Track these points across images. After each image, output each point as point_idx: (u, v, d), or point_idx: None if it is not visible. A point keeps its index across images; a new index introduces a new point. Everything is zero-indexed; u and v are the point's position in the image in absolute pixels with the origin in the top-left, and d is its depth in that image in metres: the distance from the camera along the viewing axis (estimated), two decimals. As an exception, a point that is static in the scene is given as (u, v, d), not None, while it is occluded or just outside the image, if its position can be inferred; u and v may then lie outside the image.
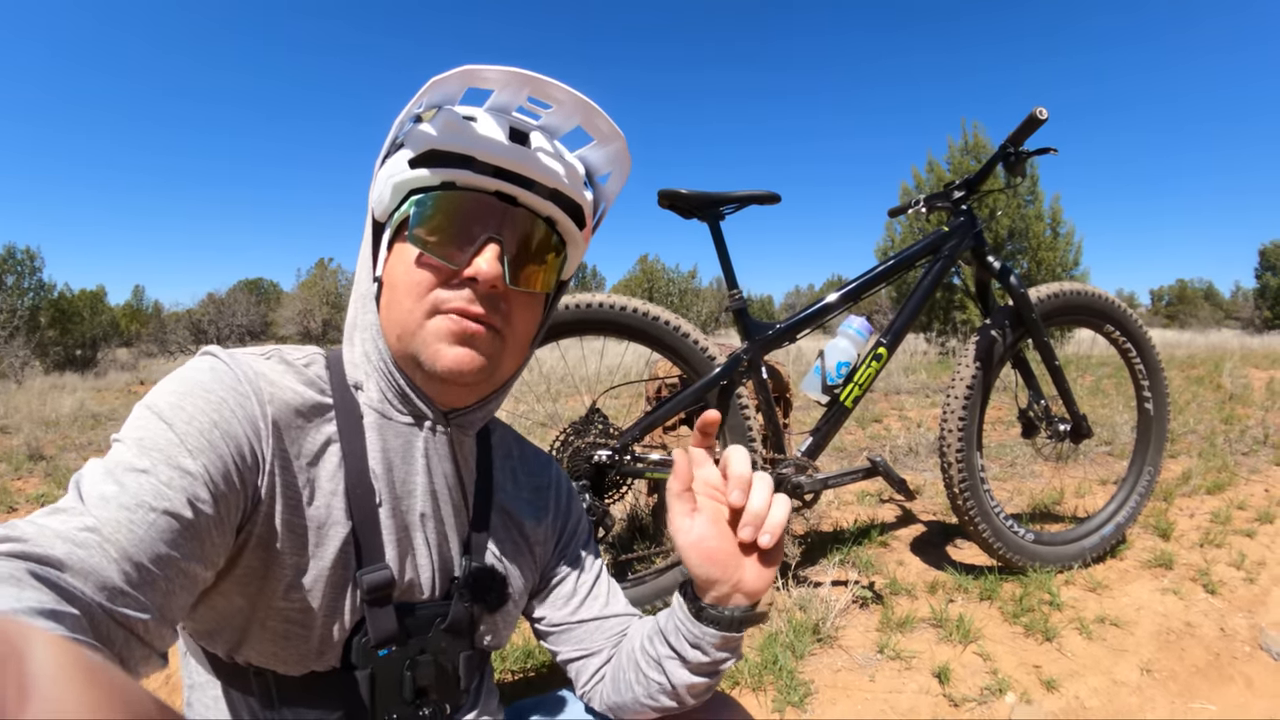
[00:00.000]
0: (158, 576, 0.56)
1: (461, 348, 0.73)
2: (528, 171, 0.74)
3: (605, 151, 0.82)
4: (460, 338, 0.73)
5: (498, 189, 0.74)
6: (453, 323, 0.73)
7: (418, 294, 0.73)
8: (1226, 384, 7.00)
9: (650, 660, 0.82)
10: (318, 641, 0.73)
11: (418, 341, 0.74)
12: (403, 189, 0.75)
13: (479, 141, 0.72)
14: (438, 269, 0.73)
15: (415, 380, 0.77)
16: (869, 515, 3.13)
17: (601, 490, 2.05)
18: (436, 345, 0.73)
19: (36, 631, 0.17)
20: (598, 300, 2.04)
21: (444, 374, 0.74)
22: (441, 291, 0.73)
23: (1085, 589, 2.38)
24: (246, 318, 21.43)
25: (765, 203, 2.13)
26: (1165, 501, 3.25)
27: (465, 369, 0.74)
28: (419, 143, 0.74)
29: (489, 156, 0.73)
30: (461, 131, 0.72)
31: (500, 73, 0.72)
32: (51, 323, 17.60)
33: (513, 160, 0.73)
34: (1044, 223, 14.04)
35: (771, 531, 0.71)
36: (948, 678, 1.82)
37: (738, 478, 0.72)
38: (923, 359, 10.85)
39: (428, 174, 0.73)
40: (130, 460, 0.60)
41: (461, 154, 0.73)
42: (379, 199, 0.77)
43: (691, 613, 0.77)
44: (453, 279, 0.73)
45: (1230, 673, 1.91)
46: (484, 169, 0.73)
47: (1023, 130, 2.15)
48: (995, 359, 2.33)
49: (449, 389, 0.78)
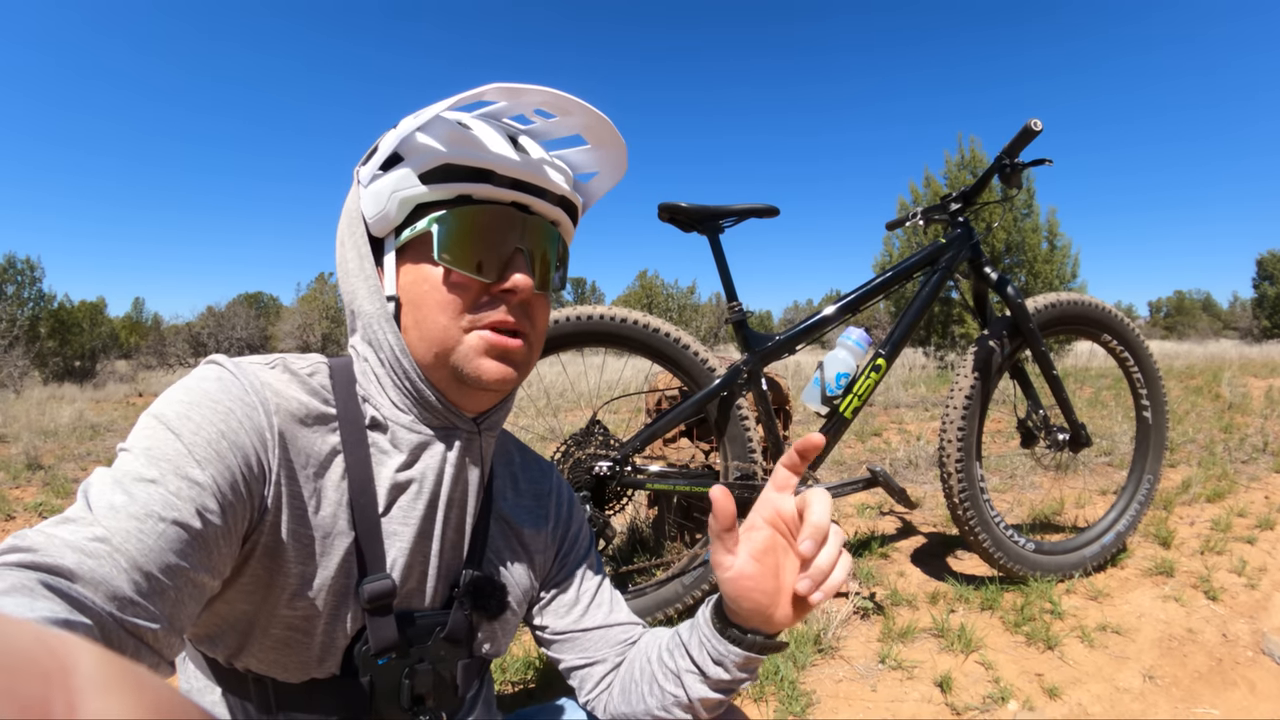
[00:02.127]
0: (167, 586, 0.56)
1: (501, 363, 0.76)
2: (542, 183, 0.77)
3: (596, 155, 0.84)
4: (500, 351, 0.75)
5: (514, 200, 0.76)
6: (492, 338, 0.75)
7: (453, 312, 0.74)
8: (1225, 393, 7.00)
9: (668, 673, 0.82)
10: (319, 649, 0.74)
11: (458, 357, 0.75)
12: (410, 204, 0.74)
13: (496, 157, 0.73)
14: (470, 284, 0.74)
15: (446, 393, 0.78)
16: (869, 527, 3.14)
17: (602, 502, 2.05)
18: (478, 361, 0.75)
19: (80, 642, 0.17)
20: (598, 313, 2.05)
21: (488, 386, 0.76)
22: (477, 307, 0.75)
23: (1086, 597, 2.38)
24: (246, 331, 21.35)
25: (764, 216, 2.15)
26: (1165, 510, 3.25)
27: (509, 381, 0.77)
28: (429, 158, 0.73)
29: (507, 170, 0.74)
30: (471, 144, 0.73)
31: (535, 91, 0.74)
32: (51, 333, 17.61)
33: (529, 173, 0.75)
34: (1040, 236, 14.08)
35: (826, 591, 0.70)
36: (950, 687, 1.82)
37: (816, 527, 0.70)
38: (921, 373, 10.86)
39: (443, 188, 0.73)
40: (138, 470, 0.60)
41: (479, 168, 0.74)
42: (381, 214, 0.75)
43: (718, 629, 0.77)
44: (484, 294, 0.75)
45: (1233, 678, 1.91)
46: (502, 181, 0.75)
47: (1018, 142, 2.17)
48: (993, 369, 2.34)
49: (479, 396, 0.79)
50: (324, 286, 29.23)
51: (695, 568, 2.16)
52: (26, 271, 17.61)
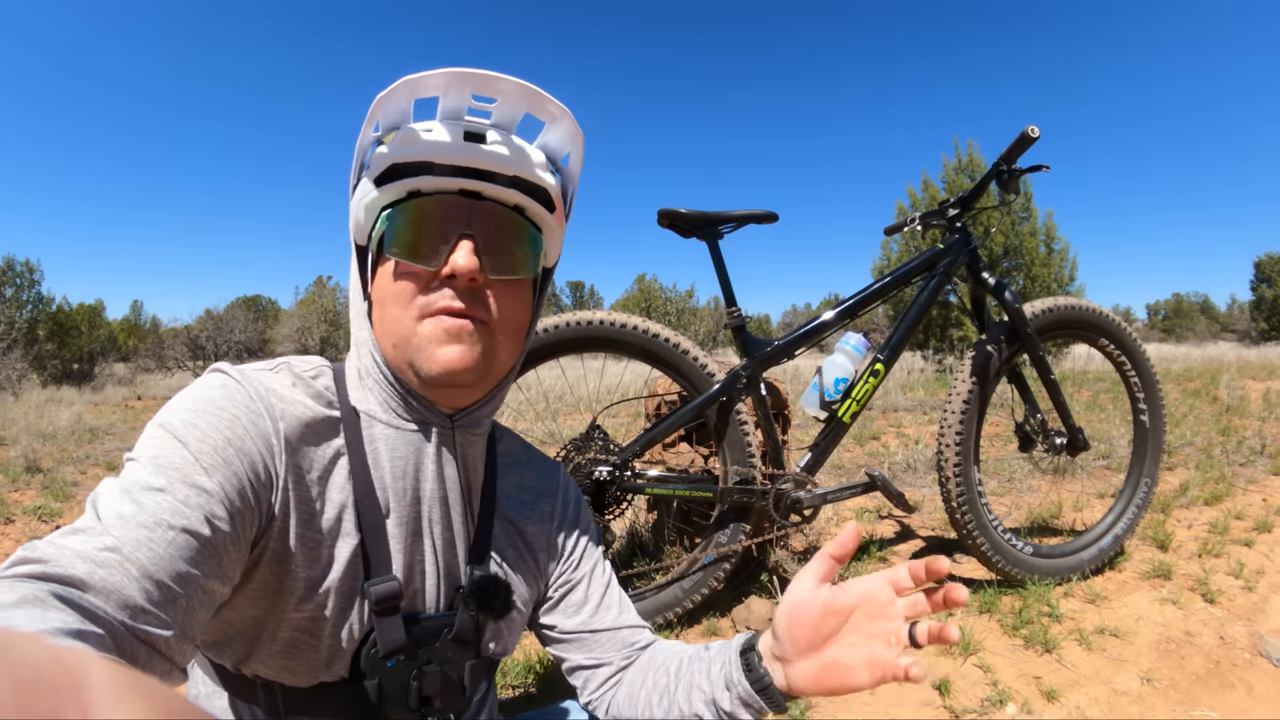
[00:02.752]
0: (178, 594, 0.57)
1: (452, 346, 0.74)
2: (482, 164, 0.75)
3: (558, 133, 0.82)
4: (449, 336, 0.74)
5: (460, 187, 0.75)
6: (441, 323, 0.74)
7: (403, 302, 0.75)
8: (1223, 396, 7.02)
9: (699, 693, 0.83)
10: (326, 652, 0.75)
11: (412, 348, 0.75)
12: (374, 208, 0.76)
13: (430, 145, 0.74)
14: (417, 274, 0.74)
15: (415, 387, 0.78)
16: (867, 531, 3.14)
17: (602, 506, 2.06)
18: (430, 349, 0.74)
19: (91, 655, 0.17)
20: (598, 318, 2.06)
21: (440, 375, 0.74)
22: (425, 295, 0.74)
23: (1084, 601, 2.39)
24: (244, 334, 21.32)
25: (763, 221, 2.16)
26: (1163, 513, 3.26)
27: (459, 366, 0.75)
28: (379, 163, 0.75)
29: (444, 157, 0.74)
30: (413, 141, 0.74)
31: (440, 75, 0.72)
32: (49, 336, 17.63)
33: (465, 155, 0.74)
34: (1038, 239, 14.12)
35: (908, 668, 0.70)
36: (948, 690, 1.83)
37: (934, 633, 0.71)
38: (920, 376, 10.86)
39: (392, 188, 0.75)
40: (146, 479, 0.61)
41: (419, 161, 0.74)
42: (356, 224, 0.79)
43: (751, 682, 0.79)
44: (433, 281, 0.75)
45: (1231, 680, 1.92)
46: (443, 171, 0.75)
47: (1015, 148, 2.18)
48: (991, 374, 2.35)
49: (449, 391, 0.79)
50: (322, 290, 29.21)
51: (695, 572, 2.17)
52: (25, 274, 17.64)
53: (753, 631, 0.83)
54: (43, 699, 0.15)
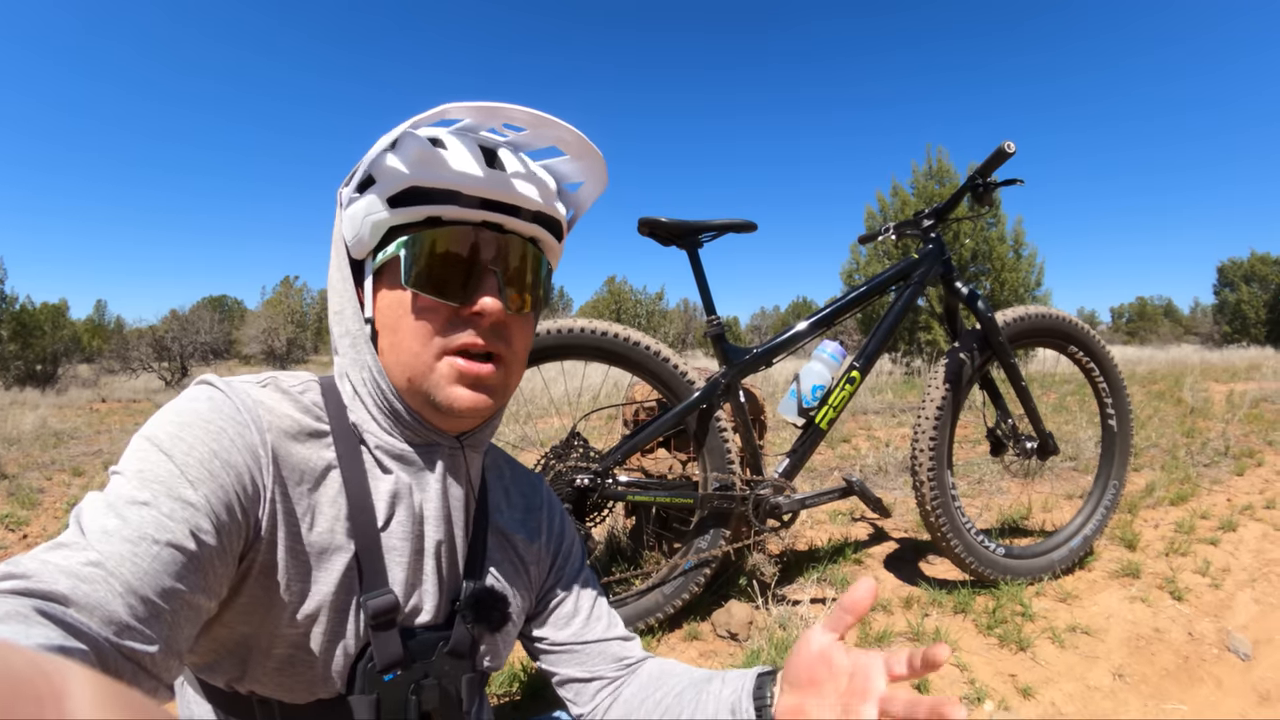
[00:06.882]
0: (163, 609, 0.56)
1: (473, 391, 0.75)
2: (512, 199, 0.75)
3: (578, 165, 0.82)
4: (470, 381, 0.74)
5: (484, 219, 0.74)
6: (463, 365, 0.74)
7: (424, 338, 0.74)
8: (1187, 398, 7.18)
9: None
10: (323, 668, 0.73)
11: (429, 384, 0.74)
12: (382, 228, 0.74)
13: (460, 176, 0.72)
14: (439, 308, 0.73)
15: (424, 415, 0.78)
16: (842, 534, 3.18)
17: (583, 514, 2.07)
18: (449, 389, 0.74)
19: (74, 667, 0.17)
20: (579, 326, 2.07)
21: (460, 412, 0.75)
22: (446, 334, 0.74)
23: (1056, 599, 2.44)
24: (210, 335, 20.86)
25: (742, 231, 2.18)
26: (1130, 513, 3.34)
27: (481, 409, 0.76)
28: (394, 180, 0.72)
29: (471, 188, 0.73)
30: (437, 164, 0.72)
31: (475, 109, 0.72)
32: (12, 336, 17.12)
33: (497, 190, 0.74)
34: (1007, 245, 14.36)
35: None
36: (926, 689, 1.86)
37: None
38: (889, 379, 10.98)
39: (409, 211, 0.72)
40: (131, 493, 0.60)
41: (444, 190, 0.72)
42: (357, 238, 0.76)
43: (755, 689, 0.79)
44: (455, 317, 0.74)
45: (1200, 674, 1.98)
46: (469, 202, 0.73)
47: (991, 162, 2.23)
48: (964, 380, 2.39)
49: (456, 421, 0.79)
50: (289, 291, 28.81)
51: (675, 578, 2.18)
52: (-13, 272, 17.15)
53: (774, 667, 0.82)
54: (25, 710, 0.15)
